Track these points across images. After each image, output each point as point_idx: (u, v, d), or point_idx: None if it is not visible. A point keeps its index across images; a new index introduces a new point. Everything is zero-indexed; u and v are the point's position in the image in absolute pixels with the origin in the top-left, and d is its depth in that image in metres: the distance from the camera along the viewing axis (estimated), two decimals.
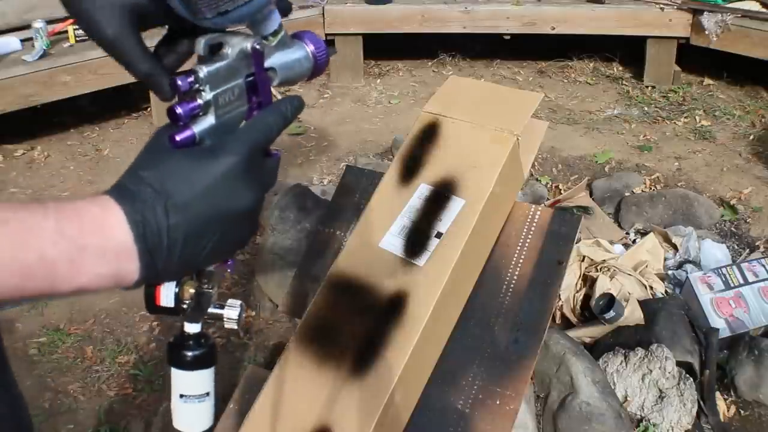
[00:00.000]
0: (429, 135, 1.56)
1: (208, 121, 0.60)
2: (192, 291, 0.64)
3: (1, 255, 0.49)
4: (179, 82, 0.59)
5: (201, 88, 0.60)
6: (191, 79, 0.59)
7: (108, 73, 3.23)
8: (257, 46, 0.63)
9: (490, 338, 1.49)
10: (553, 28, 3.91)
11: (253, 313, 2.33)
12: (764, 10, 3.63)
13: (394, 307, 1.35)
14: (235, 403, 1.64)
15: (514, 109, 1.58)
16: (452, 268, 1.37)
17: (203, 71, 0.59)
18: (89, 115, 3.69)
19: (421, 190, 1.48)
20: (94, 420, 1.96)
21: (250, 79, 0.64)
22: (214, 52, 0.62)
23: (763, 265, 2.19)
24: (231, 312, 0.67)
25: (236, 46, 0.62)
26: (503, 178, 1.49)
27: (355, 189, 1.88)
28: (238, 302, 0.67)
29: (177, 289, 0.62)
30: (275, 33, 0.66)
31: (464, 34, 4.06)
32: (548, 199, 2.75)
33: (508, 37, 4.02)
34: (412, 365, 1.31)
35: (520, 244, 1.58)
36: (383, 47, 4.19)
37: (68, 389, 2.07)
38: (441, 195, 1.46)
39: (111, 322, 2.33)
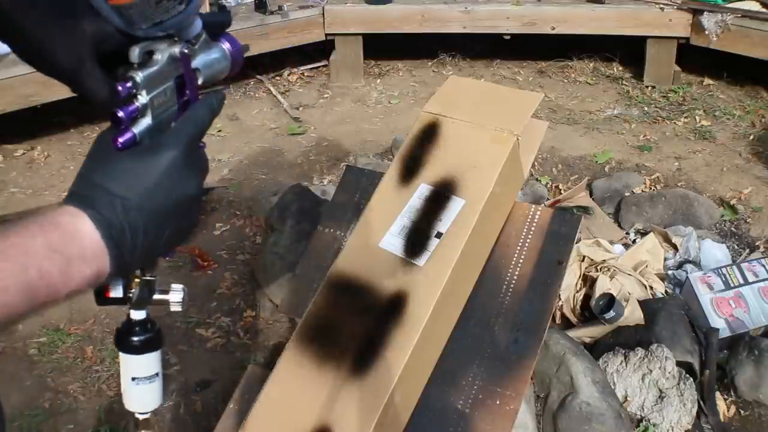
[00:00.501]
0: (429, 135, 1.56)
1: (146, 122, 0.66)
2: (136, 281, 0.69)
3: (8, 281, 0.54)
4: (119, 88, 0.64)
5: (138, 92, 0.65)
6: (129, 84, 0.65)
7: None
8: (185, 51, 0.69)
9: (490, 338, 1.49)
10: (553, 28, 3.91)
11: (253, 313, 2.33)
12: (764, 10, 3.63)
13: (394, 307, 1.35)
14: (235, 403, 1.65)
15: (514, 109, 1.58)
16: (452, 268, 1.37)
17: (139, 77, 0.65)
18: (89, 115, 3.69)
19: (421, 190, 1.48)
20: (94, 420, 1.96)
21: (178, 80, 0.70)
22: (145, 58, 0.68)
23: (763, 265, 2.19)
24: (175, 296, 0.73)
25: (165, 51, 0.68)
26: (503, 178, 1.49)
27: (355, 189, 1.88)
28: (180, 286, 0.73)
29: (124, 281, 0.68)
30: (197, 37, 0.72)
31: (464, 34, 4.05)
32: (548, 199, 2.75)
33: (508, 37, 4.02)
34: (412, 365, 1.31)
35: (520, 244, 1.58)
36: (383, 47, 4.19)
37: (68, 389, 2.07)
38: (441, 195, 1.46)
39: (111, 322, 2.32)
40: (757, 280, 2.15)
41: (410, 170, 1.52)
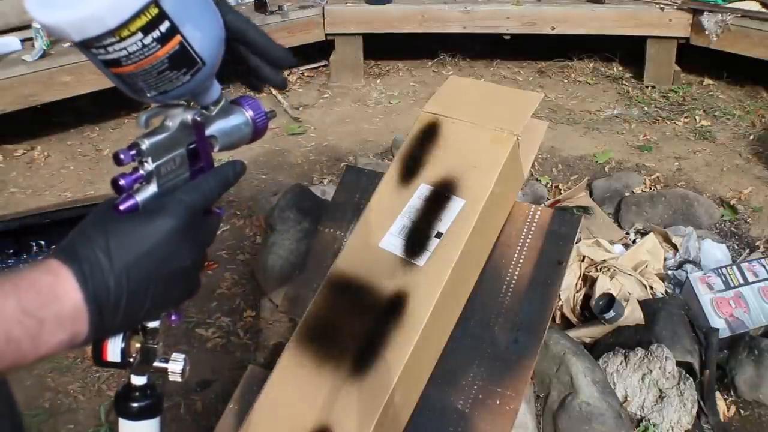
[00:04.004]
0: (429, 135, 1.56)
1: (151, 189, 0.63)
2: (138, 346, 0.67)
3: None
4: (121, 156, 0.61)
5: (143, 159, 0.63)
6: (134, 152, 0.62)
7: None
8: (198, 118, 0.66)
9: (490, 338, 1.49)
10: (553, 28, 3.91)
11: (253, 313, 2.33)
12: (764, 10, 3.63)
13: (394, 307, 1.35)
14: (235, 403, 1.65)
15: (514, 109, 1.58)
16: (452, 268, 1.37)
17: (145, 144, 0.63)
18: (89, 115, 3.69)
19: (421, 190, 1.48)
20: (94, 420, 1.96)
21: (192, 147, 0.67)
22: (156, 124, 0.66)
23: (763, 265, 2.19)
24: (175, 366, 0.70)
25: (177, 117, 0.66)
26: (503, 178, 1.49)
27: (355, 189, 1.88)
28: (182, 356, 0.70)
29: (123, 345, 0.66)
30: (216, 102, 0.69)
31: (464, 34, 4.05)
32: (548, 199, 2.75)
33: (508, 37, 4.02)
34: (412, 365, 1.31)
35: (520, 244, 1.58)
36: (383, 47, 4.19)
37: (68, 389, 2.07)
38: (441, 195, 1.46)
39: None
40: (757, 280, 2.15)
41: (410, 170, 1.52)
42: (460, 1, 3.96)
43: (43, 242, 2.48)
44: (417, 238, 1.42)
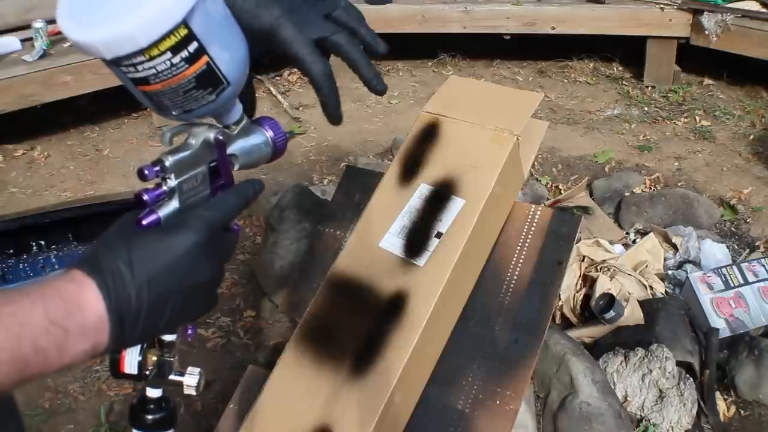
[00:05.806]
0: (429, 135, 1.56)
1: (173, 205, 0.64)
2: (154, 359, 0.68)
3: (1, 354, 0.51)
4: (146, 172, 0.63)
5: (167, 176, 0.64)
6: (157, 168, 0.64)
7: (108, 73, 3.17)
8: (220, 137, 0.68)
9: (490, 338, 1.49)
10: (553, 28, 3.91)
11: (253, 313, 2.33)
12: (764, 10, 3.63)
13: (394, 307, 1.35)
14: (235, 403, 1.65)
15: (514, 109, 1.58)
16: (452, 268, 1.37)
17: (169, 161, 0.64)
18: (89, 115, 3.69)
19: (421, 190, 1.48)
20: (94, 420, 1.96)
21: (213, 164, 0.69)
22: (179, 142, 0.67)
23: (763, 265, 2.19)
24: (190, 379, 0.71)
25: (200, 135, 0.67)
26: (503, 178, 1.49)
27: (355, 189, 1.88)
28: (197, 370, 0.72)
29: (140, 358, 0.67)
30: (237, 122, 0.71)
31: (464, 34, 4.05)
32: (548, 199, 2.75)
33: (508, 37, 4.02)
34: (412, 365, 1.31)
35: (520, 244, 1.58)
36: None
37: (68, 389, 2.07)
38: (441, 195, 1.46)
39: None
40: (757, 280, 2.15)
41: (410, 170, 1.52)
42: (460, 1, 3.96)
43: (43, 242, 2.47)
44: (417, 238, 1.42)
